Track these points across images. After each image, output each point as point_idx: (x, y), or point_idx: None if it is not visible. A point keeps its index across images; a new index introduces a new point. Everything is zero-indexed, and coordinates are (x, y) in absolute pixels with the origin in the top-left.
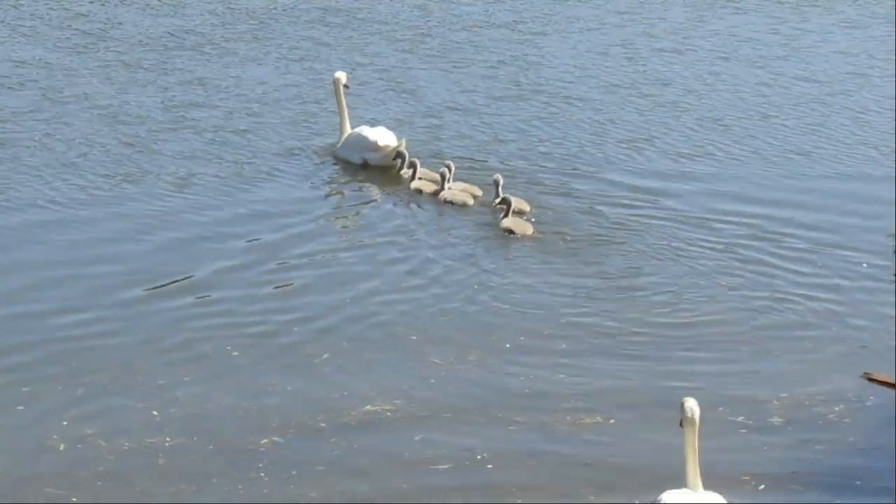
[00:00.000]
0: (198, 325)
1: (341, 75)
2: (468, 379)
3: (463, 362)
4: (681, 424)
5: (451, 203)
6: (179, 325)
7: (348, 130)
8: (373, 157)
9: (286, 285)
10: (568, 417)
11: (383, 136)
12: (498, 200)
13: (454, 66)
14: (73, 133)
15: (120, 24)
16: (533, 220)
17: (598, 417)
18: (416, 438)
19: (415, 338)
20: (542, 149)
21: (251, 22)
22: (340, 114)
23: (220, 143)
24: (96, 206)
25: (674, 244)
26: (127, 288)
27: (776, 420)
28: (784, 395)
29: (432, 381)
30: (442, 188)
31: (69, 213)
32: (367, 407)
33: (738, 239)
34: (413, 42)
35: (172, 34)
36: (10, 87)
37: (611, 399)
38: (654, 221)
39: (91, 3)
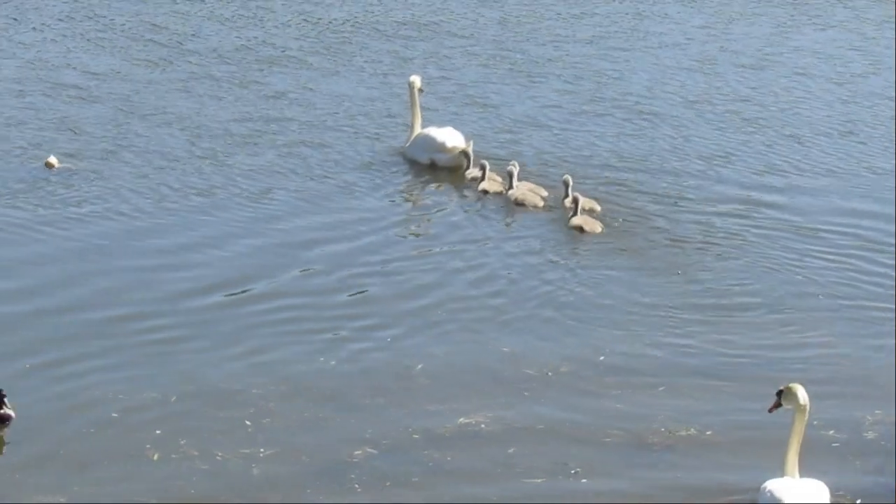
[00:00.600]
0: (282, 333)
1: (416, 79)
2: (562, 394)
3: (557, 374)
4: (772, 408)
5: (522, 203)
6: (265, 333)
7: (418, 130)
8: (440, 158)
9: (361, 292)
10: (662, 430)
11: (451, 137)
12: (569, 200)
13: (532, 81)
14: (149, 145)
15: (197, 36)
16: (604, 218)
17: (692, 431)
18: (510, 451)
19: (506, 349)
20: (616, 161)
21: (329, 35)
22: (413, 115)
23: (292, 154)
24: (171, 218)
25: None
26: (208, 294)
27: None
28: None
29: (526, 393)
30: (510, 186)
31: (146, 224)
32: (461, 419)
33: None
34: (491, 56)
35: (249, 47)
36: (87, 99)
37: (705, 418)
38: (750, 229)
39: (168, 15)
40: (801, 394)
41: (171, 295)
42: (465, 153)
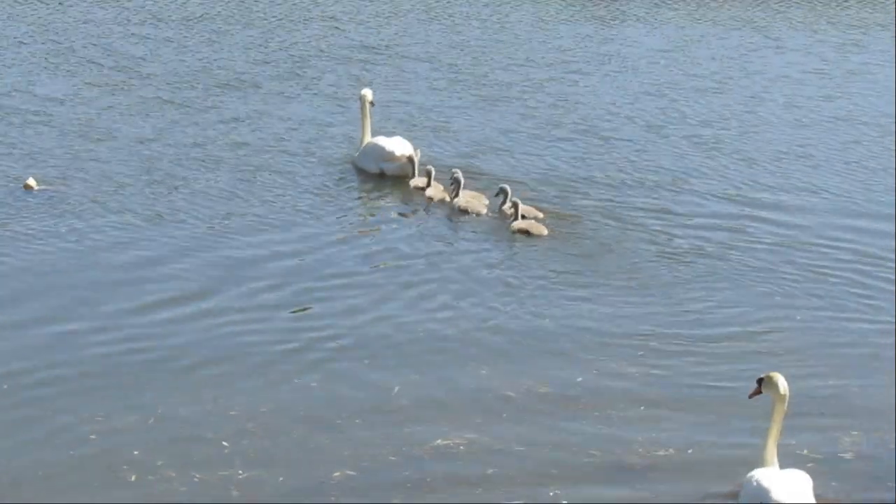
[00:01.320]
0: (254, 354)
1: (367, 92)
2: (539, 416)
3: (533, 396)
4: (752, 394)
5: (466, 211)
6: (237, 354)
7: (367, 140)
8: (389, 168)
9: (326, 311)
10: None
11: (399, 146)
12: (507, 206)
13: (491, 105)
14: (109, 168)
15: (154, 61)
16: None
17: (670, 451)
18: (488, 472)
19: (483, 371)
20: (568, 178)
21: (287, 59)
22: (363, 127)
23: (244, 172)
24: (134, 236)
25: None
26: (176, 309)
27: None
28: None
29: (503, 415)
30: (457, 195)
31: (102, 243)
32: (438, 441)
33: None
34: (451, 80)
35: (207, 70)
36: (46, 124)
37: (682, 438)
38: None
39: (125, 39)
40: (782, 382)
41: (138, 311)
42: (410, 160)
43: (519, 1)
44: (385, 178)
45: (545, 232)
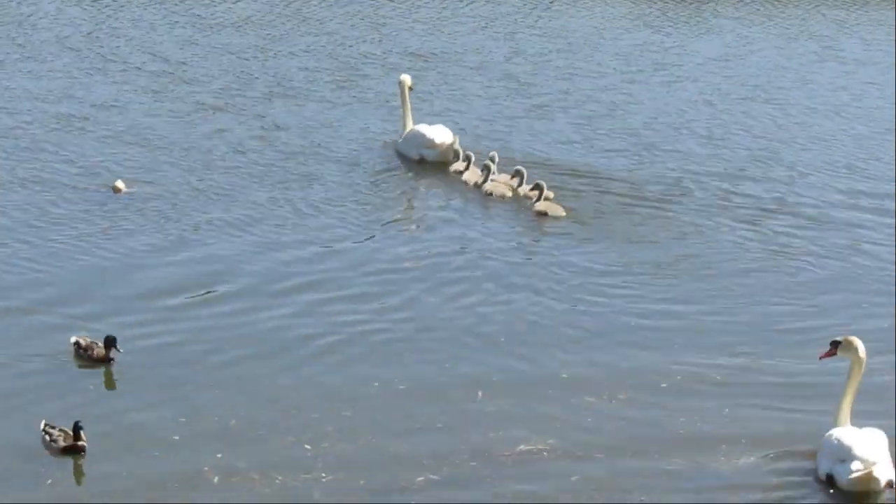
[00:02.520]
0: (328, 353)
1: (406, 78)
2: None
3: (614, 397)
4: (824, 355)
5: (492, 195)
6: (307, 353)
7: (409, 126)
8: (429, 154)
9: (389, 304)
10: (722, 458)
11: (440, 134)
12: (530, 187)
13: (543, 114)
14: (176, 174)
15: (210, 67)
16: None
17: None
18: (573, 479)
19: (563, 370)
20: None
21: (337, 66)
22: (404, 112)
23: (290, 162)
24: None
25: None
26: (249, 306)
27: None
28: None
29: (588, 419)
30: (486, 180)
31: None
32: (521, 447)
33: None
34: (504, 89)
35: (259, 77)
36: (105, 129)
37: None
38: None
39: (180, 45)
40: (861, 346)
41: (214, 307)
42: (452, 148)
43: (574, 9)
44: (425, 163)
45: (562, 213)
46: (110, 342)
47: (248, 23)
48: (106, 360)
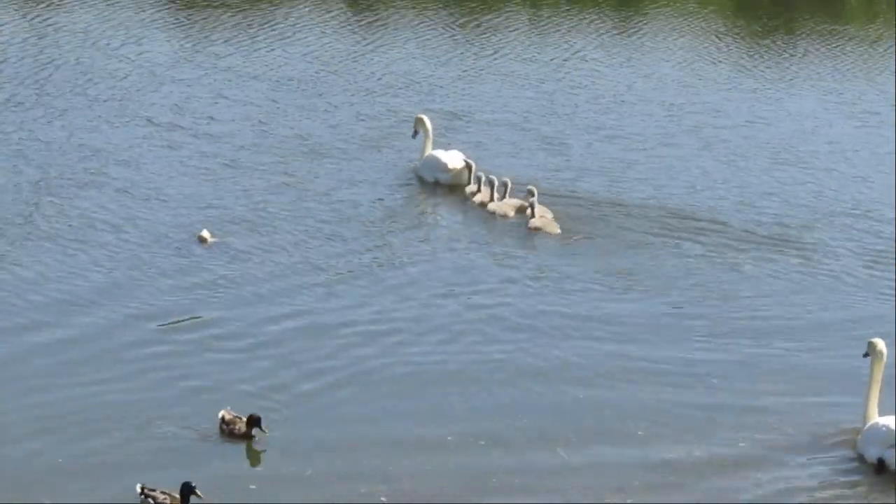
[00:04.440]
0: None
1: (424, 117)
2: None
3: None
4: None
5: (494, 214)
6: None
7: (428, 152)
8: (443, 178)
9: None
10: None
11: (452, 159)
12: (527, 205)
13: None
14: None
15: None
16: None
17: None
18: None
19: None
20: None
21: (368, 127)
22: (425, 141)
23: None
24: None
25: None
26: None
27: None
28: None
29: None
30: (491, 199)
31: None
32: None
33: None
34: (535, 145)
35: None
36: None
37: None
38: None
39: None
40: (880, 344)
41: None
42: (467, 167)
43: (600, 62)
44: (440, 186)
45: (557, 230)
46: (254, 421)
47: (288, 81)
48: (248, 438)
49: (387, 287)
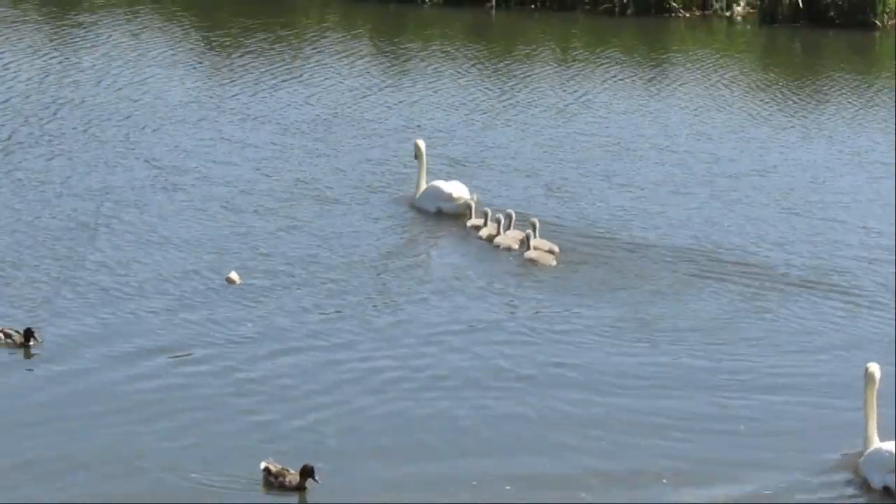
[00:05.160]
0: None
1: (421, 143)
2: None
3: None
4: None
5: (498, 247)
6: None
7: (423, 186)
8: (447, 207)
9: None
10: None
11: (457, 189)
12: (522, 236)
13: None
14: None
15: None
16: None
17: None
18: None
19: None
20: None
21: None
22: (420, 172)
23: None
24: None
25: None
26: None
27: None
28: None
29: None
30: (498, 233)
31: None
32: None
33: None
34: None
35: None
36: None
37: None
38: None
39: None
40: (872, 367)
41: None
42: (467, 205)
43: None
44: (442, 216)
45: (553, 263)
46: (308, 472)
47: (299, 125)
48: (300, 489)
49: (415, 329)
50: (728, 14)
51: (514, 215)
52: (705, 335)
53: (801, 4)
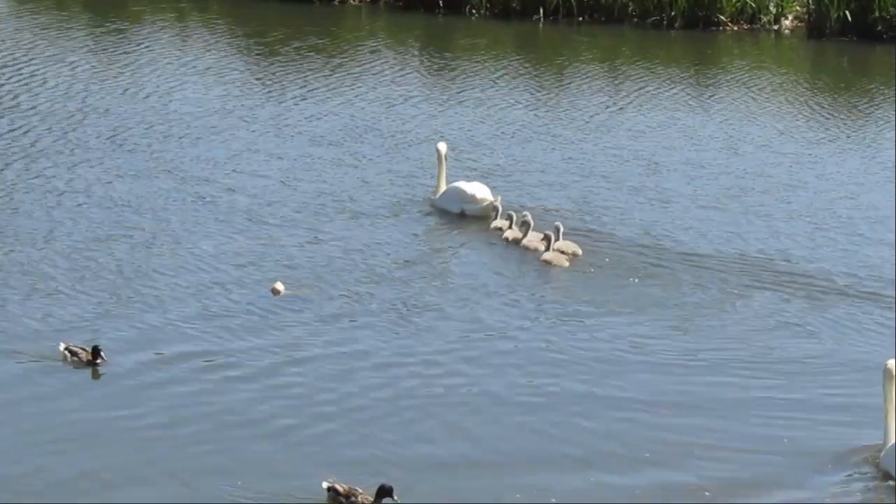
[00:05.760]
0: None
1: (442, 146)
2: None
3: None
4: None
5: (527, 248)
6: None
7: (443, 187)
8: (470, 209)
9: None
10: None
11: (480, 191)
12: (542, 237)
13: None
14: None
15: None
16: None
17: None
18: None
19: None
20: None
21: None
22: (439, 174)
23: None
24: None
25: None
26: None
27: None
28: None
29: None
30: (525, 235)
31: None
32: None
33: None
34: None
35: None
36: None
37: None
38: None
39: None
40: (890, 364)
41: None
42: (493, 207)
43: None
44: (465, 217)
45: (566, 264)
46: (386, 491)
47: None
48: None
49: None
50: (776, 28)
51: (561, 227)
52: (735, 349)
53: (849, 18)
